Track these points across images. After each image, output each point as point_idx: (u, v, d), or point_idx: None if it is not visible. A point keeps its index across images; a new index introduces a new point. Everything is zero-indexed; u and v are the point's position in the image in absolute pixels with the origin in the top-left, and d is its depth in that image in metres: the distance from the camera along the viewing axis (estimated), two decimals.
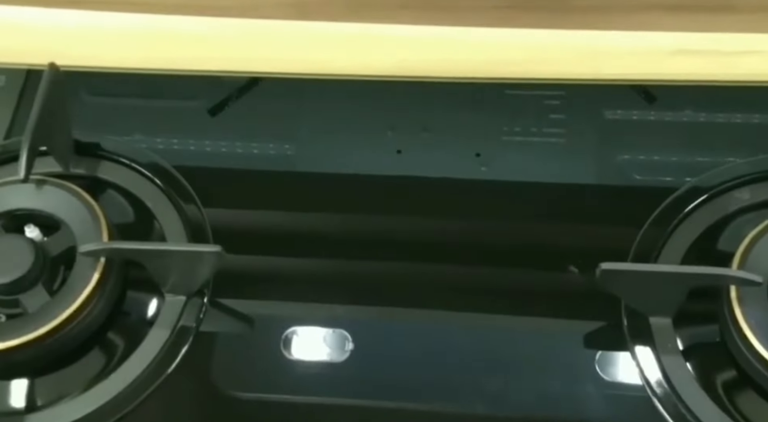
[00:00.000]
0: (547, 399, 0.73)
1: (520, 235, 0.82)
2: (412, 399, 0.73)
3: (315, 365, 0.75)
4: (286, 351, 0.76)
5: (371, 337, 0.76)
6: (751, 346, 0.68)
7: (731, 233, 0.76)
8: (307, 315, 0.78)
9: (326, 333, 0.76)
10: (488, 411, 0.72)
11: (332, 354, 0.75)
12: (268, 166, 0.87)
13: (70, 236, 0.74)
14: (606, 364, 0.74)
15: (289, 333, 0.76)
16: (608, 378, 0.73)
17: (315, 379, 0.75)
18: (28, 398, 0.72)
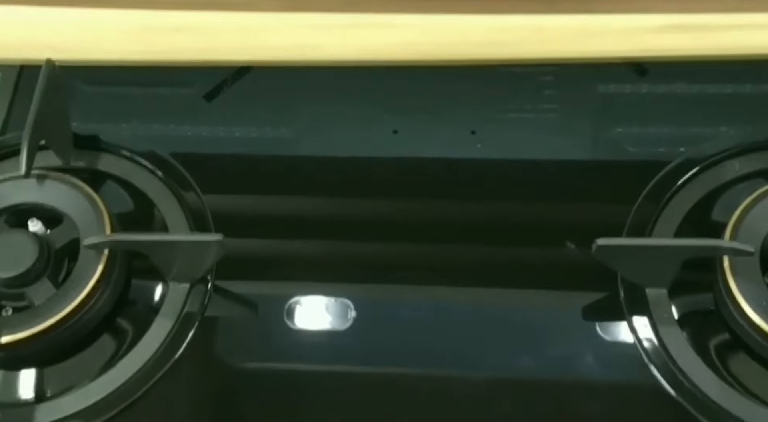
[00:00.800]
0: (545, 364, 0.75)
1: (517, 211, 0.85)
2: (414, 366, 0.75)
3: (318, 334, 0.78)
4: (289, 321, 0.78)
5: (373, 306, 0.79)
6: (745, 314, 0.71)
7: (724, 204, 0.78)
8: (310, 285, 0.80)
9: (328, 302, 0.79)
10: (489, 376, 0.75)
11: (335, 322, 0.78)
12: (267, 150, 0.89)
13: (73, 229, 0.77)
14: (603, 334, 0.76)
15: (292, 302, 0.79)
16: (605, 348, 0.76)
17: (318, 348, 0.77)
18: (37, 389, 0.75)
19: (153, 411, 0.75)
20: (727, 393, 0.71)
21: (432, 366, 0.76)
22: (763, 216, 0.73)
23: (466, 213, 0.85)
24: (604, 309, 0.77)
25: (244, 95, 0.91)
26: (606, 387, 0.75)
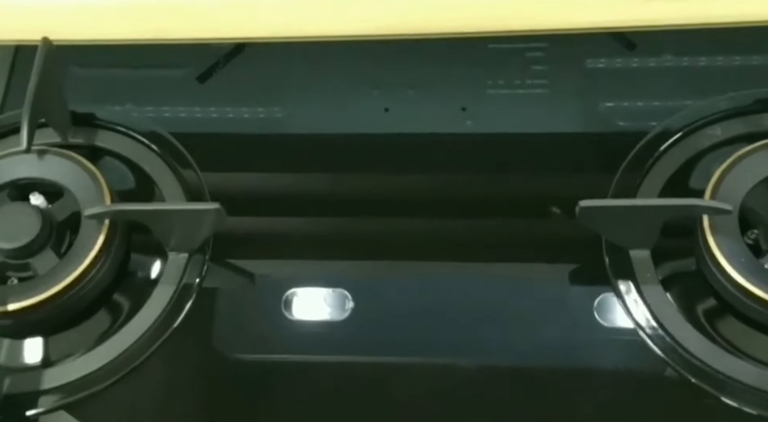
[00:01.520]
0: (542, 341, 0.80)
1: (508, 185, 0.90)
2: (412, 354, 0.80)
3: (316, 324, 0.83)
4: (287, 312, 0.84)
5: (370, 295, 0.83)
6: (724, 271, 0.77)
7: (705, 168, 0.84)
8: (307, 276, 0.85)
9: (326, 293, 0.84)
10: (486, 362, 0.80)
11: (332, 313, 0.83)
12: (259, 129, 0.95)
13: (74, 202, 0.82)
14: (590, 298, 0.82)
15: (289, 294, 0.84)
16: (593, 311, 0.81)
17: (316, 338, 0.82)
18: (43, 354, 0.81)
19: (153, 377, 0.81)
20: (708, 349, 0.77)
21: (429, 355, 0.80)
22: (741, 177, 0.79)
23: (458, 188, 0.90)
24: (590, 274, 0.83)
25: (236, 76, 0.97)
26: (594, 348, 0.80)
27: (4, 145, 0.88)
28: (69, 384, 0.79)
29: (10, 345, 0.82)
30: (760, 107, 0.86)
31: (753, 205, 0.79)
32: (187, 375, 0.83)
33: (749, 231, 0.79)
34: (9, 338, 0.82)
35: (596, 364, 0.80)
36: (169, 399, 0.82)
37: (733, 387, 0.76)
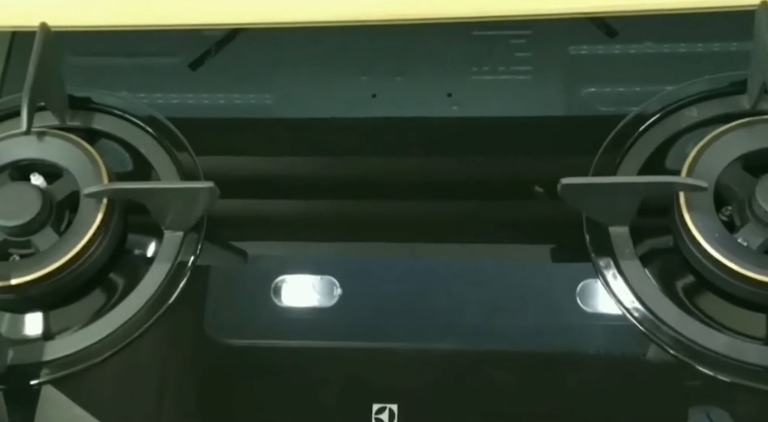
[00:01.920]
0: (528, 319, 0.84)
1: (493, 167, 0.94)
2: (399, 340, 0.83)
3: (305, 311, 0.86)
4: (276, 299, 0.88)
5: (358, 282, 0.86)
6: (700, 246, 0.81)
7: (682, 147, 0.88)
8: (296, 263, 0.89)
9: (314, 280, 0.88)
10: (475, 345, 0.83)
11: (321, 299, 0.87)
12: (250, 115, 0.98)
13: (73, 182, 0.86)
14: (572, 274, 0.86)
15: (278, 281, 0.88)
16: (574, 287, 0.85)
17: (305, 324, 0.85)
18: (43, 328, 0.86)
19: (148, 351, 0.85)
20: (684, 320, 0.82)
21: (415, 340, 0.83)
22: (717, 155, 0.83)
23: (444, 172, 0.93)
24: (571, 251, 0.87)
25: (227, 63, 1.00)
26: (576, 323, 0.84)
27: (4, 128, 0.92)
28: (68, 356, 0.84)
29: (14, 318, 0.86)
30: (735, 89, 0.90)
31: (727, 182, 0.83)
32: (179, 353, 0.87)
33: (724, 208, 0.84)
34: (11, 312, 0.86)
35: (578, 339, 0.84)
36: (159, 375, 0.86)
37: (708, 356, 0.80)
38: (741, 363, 0.79)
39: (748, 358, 0.80)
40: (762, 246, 0.81)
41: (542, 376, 0.82)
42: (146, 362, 0.85)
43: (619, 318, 0.83)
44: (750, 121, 0.84)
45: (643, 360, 0.82)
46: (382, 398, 0.81)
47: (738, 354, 0.80)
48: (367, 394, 0.80)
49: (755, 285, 0.79)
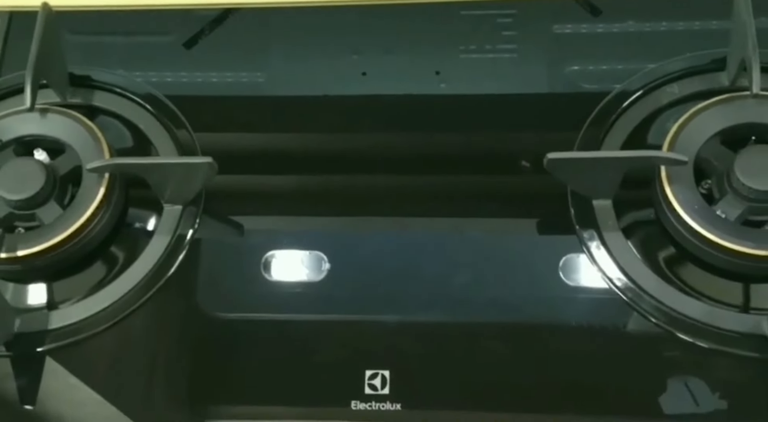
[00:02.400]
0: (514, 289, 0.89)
1: (480, 143, 0.97)
2: (387, 311, 0.86)
3: (294, 285, 0.89)
4: (266, 274, 0.91)
5: (345, 258, 0.90)
6: (680, 218, 0.85)
7: (663, 123, 0.92)
8: (285, 239, 0.93)
9: (303, 256, 0.92)
10: (462, 317, 0.87)
11: (310, 274, 0.91)
12: (242, 93, 1.02)
13: (75, 157, 0.90)
14: (557, 246, 0.90)
15: (268, 256, 0.92)
16: (559, 258, 0.89)
17: (295, 298, 0.89)
18: (47, 298, 0.90)
19: (148, 322, 0.89)
20: (665, 289, 0.86)
21: (402, 313, 0.86)
22: (697, 131, 0.87)
23: (432, 147, 0.97)
24: (557, 223, 0.92)
25: (221, 42, 1.04)
26: (559, 292, 0.88)
27: (6, 105, 0.96)
28: (71, 325, 0.88)
29: (20, 288, 0.90)
30: (715, 66, 0.94)
31: (707, 156, 0.87)
32: (176, 324, 0.91)
33: (703, 181, 0.88)
34: (17, 283, 0.90)
35: (563, 308, 0.88)
36: (155, 347, 0.90)
37: (687, 324, 0.85)
38: (719, 329, 0.84)
39: (726, 325, 0.84)
40: (739, 218, 0.85)
41: (527, 344, 0.86)
42: (142, 335, 0.90)
43: (602, 288, 0.87)
44: (729, 97, 0.88)
45: (625, 327, 0.86)
46: (374, 365, 0.85)
47: (716, 321, 0.84)
48: (360, 362, 0.84)
49: (732, 254, 0.84)
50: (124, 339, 0.88)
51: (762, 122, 0.87)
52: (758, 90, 0.87)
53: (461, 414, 0.84)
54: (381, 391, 0.83)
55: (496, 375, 0.85)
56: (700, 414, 0.81)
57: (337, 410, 0.83)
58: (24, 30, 0.97)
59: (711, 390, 0.82)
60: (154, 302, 0.89)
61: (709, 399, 0.82)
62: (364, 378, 0.84)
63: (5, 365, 0.87)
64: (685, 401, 0.82)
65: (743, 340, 0.83)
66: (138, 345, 0.89)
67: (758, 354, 0.82)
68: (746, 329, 0.83)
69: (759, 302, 0.85)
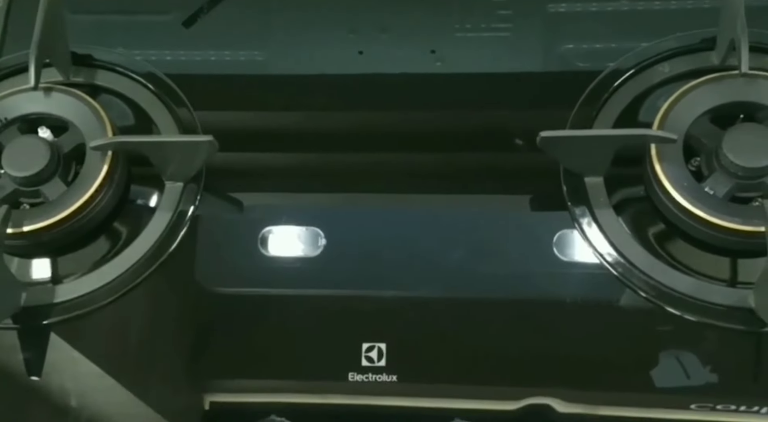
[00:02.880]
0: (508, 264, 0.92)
1: (475, 121, 1.01)
2: (380, 287, 0.90)
3: (291, 260, 0.93)
4: (263, 249, 0.95)
5: (342, 233, 0.93)
6: (669, 194, 0.88)
7: (654, 102, 0.95)
8: (282, 215, 0.96)
9: (300, 231, 0.96)
10: (457, 292, 0.90)
11: (306, 250, 0.95)
12: (240, 71, 1.05)
13: (78, 135, 0.93)
14: (550, 222, 0.94)
15: (265, 232, 0.95)
16: (552, 234, 0.93)
17: (291, 273, 0.92)
18: (52, 272, 0.93)
19: (150, 296, 0.93)
20: (654, 264, 0.89)
21: (398, 286, 0.90)
22: (687, 109, 0.90)
23: (428, 125, 1.00)
24: (549, 199, 0.95)
25: (219, 22, 1.07)
26: (552, 267, 0.92)
27: (9, 84, 0.99)
28: (76, 299, 0.92)
29: (26, 263, 0.94)
30: (705, 46, 0.97)
31: (696, 134, 0.90)
32: (174, 299, 0.95)
33: (692, 159, 0.91)
34: (23, 257, 0.94)
35: (555, 283, 0.92)
36: (156, 321, 0.94)
37: (676, 298, 0.88)
38: (707, 303, 0.88)
39: (713, 299, 0.87)
40: (727, 195, 0.88)
41: (519, 318, 0.90)
42: (144, 309, 0.94)
43: (593, 263, 0.91)
44: (718, 76, 0.91)
45: (616, 301, 0.90)
46: (371, 338, 0.88)
47: (704, 295, 0.88)
48: (357, 335, 0.87)
49: (720, 230, 0.87)
50: (126, 313, 0.92)
51: (750, 101, 0.91)
52: (747, 69, 0.90)
53: (455, 384, 0.88)
54: (377, 363, 0.87)
55: (489, 348, 0.88)
56: (690, 387, 0.86)
57: (334, 381, 0.87)
58: (24, 10, 1.00)
59: (699, 363, 0.86)
60: (156, 277, 0.93)
61: (698, 372, 0.86)
62: (361, 350, 0.87)
63: (12, 337, 0.91)
64: (674, 373, 0.86)
65: (730, 313, 0.87)
66: (140, 319, 0.93)
67: (744, 326, 0.86)
68: (732, 302, 0.87)
69: (745, 276, 0.89)
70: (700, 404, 0.85)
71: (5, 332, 0.90)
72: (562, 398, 0.86)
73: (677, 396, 0.85)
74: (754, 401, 0.85)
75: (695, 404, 0.85)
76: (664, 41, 0.98)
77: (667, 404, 0.86)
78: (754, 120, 0.89)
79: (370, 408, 0.87)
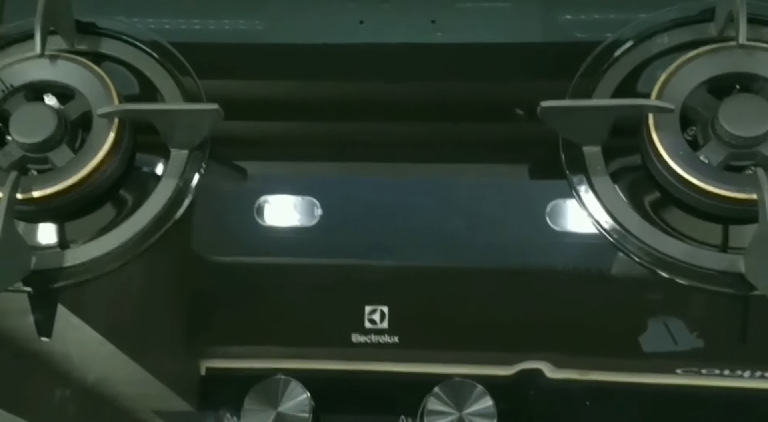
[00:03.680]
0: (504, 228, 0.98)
1: (475, 90, 1.06)
2: (376, 257, 0.95)
3: (287, 230, 0.98)
4: (259, 219, 1.01)
5: (337, 203, 0.98)
6: (666, 163, 0.94)
7: (652, 72, 1.01)
8: (278, 184, 1.02)
9: (296, 201, 1.01)
10: (457, 259, 0.96)
11: (302, 219, 1.01)
12: (240, 40, 1.11)
13: (85, 102, 0.99)
14: (548, 190, 1.01)
15: (261, 201, 1.01)
16: (550, 201, 1.00)
17: (288, 243, 0.97)
18: (60, 237, 0.99)
19: (154, 264, 0.99)
20: (649, 231, 0.96)
21: (392, 255, 0.96)
22: (684, 80, 0.96)
23: (427, 95, 1.06)
24: (547, 169, 1.01)
25: None
26: (549, 235, 0.98)
27: (12, 52, 1.05)
28: (83, 263, 0.98)
29: (35, 228, 1.00)
30: (703, 17, 1.03)
31: (693, 104, 0.95)
32: (178, 267, 1.01)
33: (688, 128, 0.97)
34: (32, 222, 1.00)
35: (552, 250, 0.97)
36: (160, 289, 1.00)
37: (669, 263, 0.95)
38: (699, 268, 0.94)
39: (706, 264, 0.94)
40: (722, 163, 0.94)
41: (516, 283, 0.95)
42: (150, 274, 1.00)
43: (591, 230, 0.98)
44: (716, 48, 0.96)
45: (612, 267, 0.96)
46: (374, 302, 0.95)
47: (696, 260, 0.94)
48: (359, 299, 0.94)
49: (714, 198, 0.93)
50: (131, 279, 0.99)
51: (747, 71, 0.97)
52: (744, 40, 0.96)
53: (453, 347, 0.94)
54: (380, 325, 0.94)
55: (486, 312, 0.94)
56: (677, 352, 0.92)
57: (338, 342, 0.94)
58: None
59: (687, 329, 0.93)
60: (161, 244, 0.99)
61: (685, 337, 0.92)
62: (364, 313, 0.94)
63: (23, 300, 0.97)
64: (662, 339, 0.92)
65: (720, 278, 0.93)
66: (144, 286, 0.99)
67: (734, 290, 0.93)
68: (723, 267, 0.93)
69: (736, 242, 0.95)
70: (686, 368, 0.92)
71: (16, 295, 0.97)
72: (555, 363, 0.92)
73: (664, 361, 0.92)
74: (738, 365, 0.91)
75: (681, 369, 0.92)
76: (663, 12, 1.04)
77: (654, 369, 0.92)
78: (750, 90, 0.94)
79: (371, 372, 0.94)
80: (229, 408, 0.91)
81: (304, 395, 0.88)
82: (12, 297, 0.96)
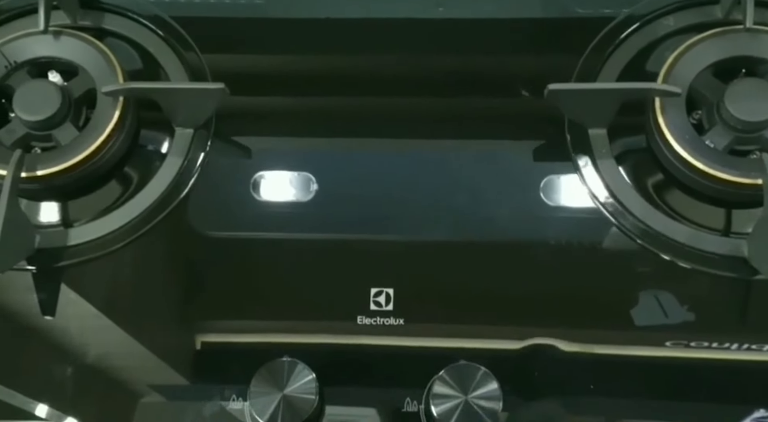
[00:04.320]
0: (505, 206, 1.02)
1: (475, 66, 1.10)
2: (370, 231, 0.99)
3: (282, 205, 1.01)
4: (255, 194, 1.04)
5: (333, 179, 1.01)
6: (671, 146, 0.98)
7: (659, 55, 1.05)
8: (273, 159, 1.06)
9: (291, 176, 1.05)
10: (447, 235, 0.99)
11: (298, 194, 1.04)
12: (240, 14, 1.13)
13: (89, 79, 1.01)
14: (553, 171, 1.05)
15: (257, 177, 1.05)
16: (554, 182, 1.04)
17: (283, 218, 1.00)
18: (63, 216, 1.02)
19: (160, 241, 1.03)
20: (652, 213, 1.00)
21: (387, 230, 0.99)
22: (691, 63, 0.99)
23: (428, 70, 1.09)
24: (553, 150, 1.05)
25: None
26: (554, 213, 1.02)
27: (13, 27, 1.08)
28: (88, 242, 1.01)
29: (39, 206, 1.03)
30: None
31: (699, 88, 0.99)
32: (182, 245, 1.04)
33: (694, 112, 1.01)
34: (36, 200, 1.03)
35: (557, 228, 1.01)
36: (165, 267, 1.04)
37: (671, 245, 0.99)
38: (700, 251, 0.98)
39: (707, 247, 0.98)
40: (727, 147, 0.98)
41: (521, 260, 1.00)
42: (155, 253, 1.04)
43: (594, 211, 1.02)
44: (722, 31, 0.99)
45: (614, 248, 1.00)
46: (379, 283, 0.99)
47: (699, 244, 0.98)
48: (365, 281, 0.98)
49: (719, 182, 0.97)
50: (135, 258, 1.02)
51: (753, 55, 1.00)
52: (751, 23, 1.00)
53: (458, 325, 0.99)
54: (385, 308, 0.98)
55: (489, 291, 0.99)
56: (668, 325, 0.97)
57: (344, 325, 0.98)
58: None
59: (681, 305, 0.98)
60: (166, 223, 1.03)
61: (678, 312, 0.98)
62: (369, 295, 0.98)
63: (27, 278, 1.01)
64: (653, 313, 0.98)
65: (722, 261, 0.97)
66: (149, 264, 1.03)
67: (736, 274, 0.98)
68: (726, 251, 0.97)
69: (739, 226, 0.99)
70: (676, 341, 0.96)
71: (20, 273, 1.00)
72: (564, 338, 0.97)
73: (657, 334, 0.97)
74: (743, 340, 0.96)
75: (670, 341, 0.97)
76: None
77: (645, 342, 0.97)
78: (756, 74, 0.98)
79: (377, 348, 0.98)
80: (234, 385, 0.95)
81: (310, 377, 0.91)
82: (16, 275, 0.99)
